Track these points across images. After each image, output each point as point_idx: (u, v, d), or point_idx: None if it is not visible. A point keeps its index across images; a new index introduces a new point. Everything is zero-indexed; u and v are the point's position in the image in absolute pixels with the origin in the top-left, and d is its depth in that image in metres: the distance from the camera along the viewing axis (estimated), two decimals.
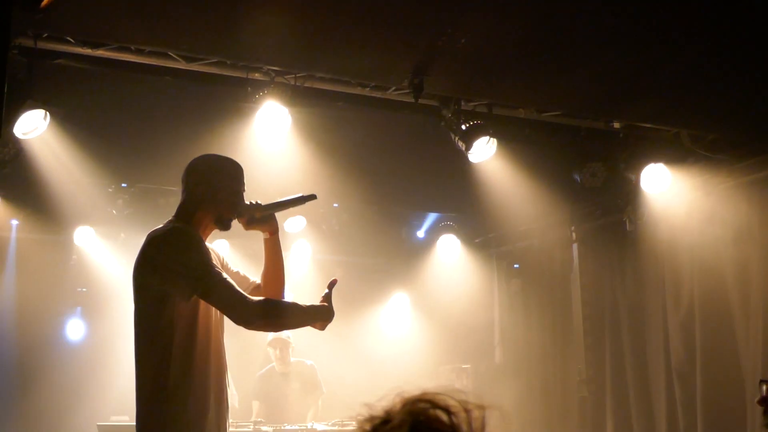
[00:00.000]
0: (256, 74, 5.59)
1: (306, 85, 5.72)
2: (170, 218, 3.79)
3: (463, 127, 5.94)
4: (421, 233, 9.91)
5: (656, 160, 6.77)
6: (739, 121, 6.25)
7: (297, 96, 5.68)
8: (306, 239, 9.12)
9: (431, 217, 9.58)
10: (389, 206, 8.95)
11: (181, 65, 5.41)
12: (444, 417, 1.14)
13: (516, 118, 6.44)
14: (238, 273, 3.96)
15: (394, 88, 5.79)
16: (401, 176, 7.69)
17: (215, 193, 3.79)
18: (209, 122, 6.19)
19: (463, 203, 8.38)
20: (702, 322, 7.00)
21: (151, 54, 5.30)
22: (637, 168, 6.82)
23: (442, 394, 1.18)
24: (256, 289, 3.91)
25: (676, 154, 6.81)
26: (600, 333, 8.32)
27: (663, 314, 7.43)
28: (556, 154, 7.08)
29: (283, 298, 3.98)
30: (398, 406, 1.16)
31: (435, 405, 1.15)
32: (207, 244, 3.75)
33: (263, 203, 3.90)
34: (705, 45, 5.20)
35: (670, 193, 6.92)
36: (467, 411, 1.16)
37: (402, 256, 9.99)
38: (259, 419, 6.99)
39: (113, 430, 7.07)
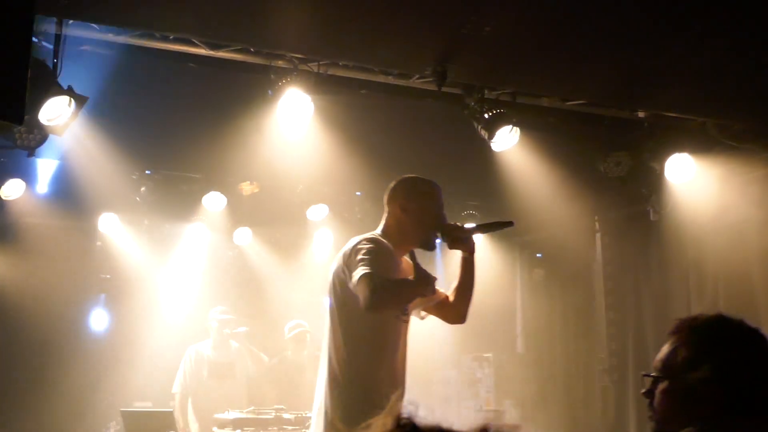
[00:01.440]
0: (280, 62, 5.59)
1: (329, 72, 5.71)
2: (373, 231, 4.10)
3: (486, 115, 5.91)
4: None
5: (681, 149, 6.71)
6: (764, 110, 6.18)
7: (320, 83, 5.67)
8: (328, 227, 9.12)
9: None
10: None
11: (205, 52, 5.41)
12: None
13: (539, 106, 6.40)
14: None
15: (417, 76, 5.77)
16: (424, 164, 7.64)
17: (420, 215, 4.04)
18: (232, 109, 6.21)
19: (486, 192, 8.35)
20: (726, 311, 6.93)
21: (175, 41, 5.31)
22: (662, 158, 6.76)
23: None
24: (443, 302, 4.18)
25: (702, 143, 6.75)
26: (623, 323, 8.29)
27: (687, 304, 7.39)
28: (580, 143, 7.04)
29: (466, 315, 4.20)
30: None
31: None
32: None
33: (463, 225, 4.12)
34: (732, 34, 5.15)
35: (695, 183, 6.86)
36: None
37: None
38: (280, 406, 7.02)
39: (136, 415, 7.12)
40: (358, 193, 8.74)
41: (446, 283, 4.29)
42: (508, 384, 9.13)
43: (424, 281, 3.87)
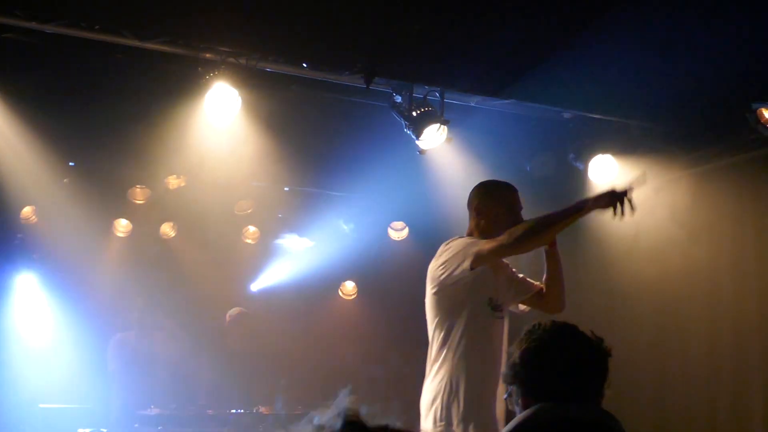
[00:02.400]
0: (208, 54, 5.54)
1: (258, 66, 5.68)
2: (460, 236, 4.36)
3: (414, 113, 5.94)
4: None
5: (605, 150, 6.84)
6: (686, 114, 6.34)
7: (248, 78, 5.63)
8: (255, 223, 9.07)
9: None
10: (340, 191, 8.93)
11: (133, 43, 5.34)
12: None
13: (467, 106, 6.45)
14: (524, 278, 4.44)
15: (346, 72, 5.77)
16: (352, 161, 7.68)
17: (494, 215, 4.30)
18: (160, 101, 6.13)
19: (413, 191, 8.38)
20: (647, 313, 7.11)
21: (102, 31, 5.22)
22: (586, 158, 6.88)
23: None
24: (539, 293, 4.42)
25: (625, 145, 6.89)
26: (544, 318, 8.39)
27: (609, 305, 7.51)
28: (507, 142, 7.12)
29: (563, 302, 4.41)
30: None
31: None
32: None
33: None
34: (655, 38, 5.27)
35: (618, 183, 6.97)
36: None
37: (350, 241, 9.97)
38: (203, 403, 6.96)
39: (58, 413, 6.99)
40: (286, 189, 8.70)
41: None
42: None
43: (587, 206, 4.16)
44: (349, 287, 9.84)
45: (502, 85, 6.13)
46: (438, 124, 6.03)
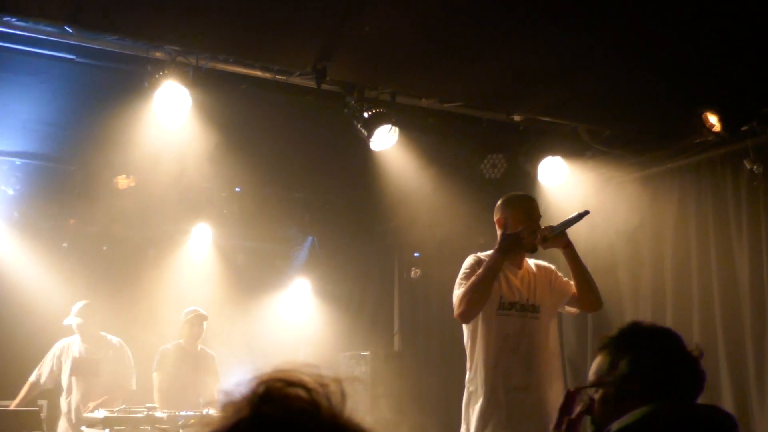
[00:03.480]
0: (157, 53, 5.49)
1: (208, 66, 5.64)
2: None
3: (366, 114, 5.94)
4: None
5: (554, 153, 6.91)
6: (634, 117, 6.42)
7: (198, 77, 5.59)
8: (207, 224, 9.02)
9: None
10: (292, 192, 8.91)
11: (80, 42, 5.27)
12: (302, 393, 1.11)
13: (418, 107, 6.47)
14: (568, 281, 4.87)
15: (298, 72, 5.75)
16: (304, 162, 7.67)
17: (511, 224, 4.72)
18: (108, 100, 6.06)
19: (364, 191, 8.39)
20: (594, 314, 7.18)
21: (47, 29, 5.14)
22: (536, 160, 6.94)
23: (295, 371, 1.13)
24: (575, 295, 4.81)
25: (574, 148, 6.96)
26: None
27: None
28: (458, 144, 7.16)
29: (597, 299, 4.81)
30: (248, 390, 1.11)
31: (289, 383, 1.11)
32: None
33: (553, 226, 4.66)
34: (604, 42, 5.33)
35: (567, 186, 7.06)
36: (324, 385, 1.12)
37: (303, 242, 9.97)
38: (153, 405, 6.89)
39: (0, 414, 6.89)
40: (237, 189, 8.66)
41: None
42: (384, 382, 9.19)
43: (498, 249, 4.60)
44: None
45: (451, 88, 6.16)
46: (389, 125, 6.04)
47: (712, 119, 5.82)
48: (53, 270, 8.82)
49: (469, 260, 4.78)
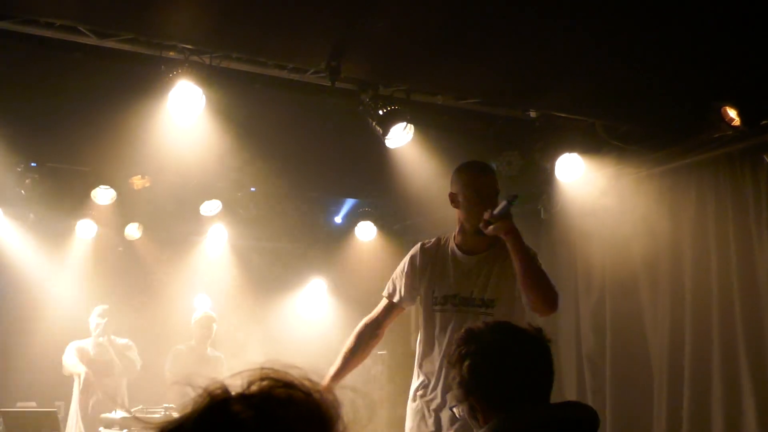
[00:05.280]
0: (170, 52, 5.47)
1: (222, 65, 5.62)
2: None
3: (381, 112, 5.91)
4: (338, 219, 9.88)
5: (570, 149, 6.85)
6: (650, 113, 6.37)
7: (212, 76, 5.57)
8: (222, 223, 9.01)
9: (349, 203, 9.55)
10: (307, 191, 8.89)
11: (93, 41, 5.25)
12: (299, 394, 1.07)
13: (434, 104, 6.44)
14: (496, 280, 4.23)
15: (312, 70, 5.72)
16: (319, 161, 7.64)
17: (460, 201, 4.18)
18: (122, 101, 6.04)
19: (380, 189, 8.37)
20: (612, 310, 7.14)
21: (60, 29, 5.13)
22: (552, 157, 6.89)
23: (286, 372, 1.10)
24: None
25: (590, 144, 6.91)
26: None
27: (575, 302, 7.55)
28: (474, 141, 7.11)
29: (543, 301, 4.08)
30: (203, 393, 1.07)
31: (286, 383, 1.08)
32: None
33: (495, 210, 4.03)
34: (619, 38, 5.28)
35: (584, 182, 7.02)
36: (313, 390, 1.08)
37: (319, 241, 9.95)
38: (170, 405, 6.88)
39: (18, 416, 6.90)
40: (252, 189, 8.65)
41: None
42: (402, 381, 9.16)
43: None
44: None
45: (466, 85, 6.13)
46: (405, 123, 6.01)
47: (731, 113, 5.76)
48: (68, 271, 8.85)
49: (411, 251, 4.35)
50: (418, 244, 4.33)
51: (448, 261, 4.20)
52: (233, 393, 1.06)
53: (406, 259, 4.34)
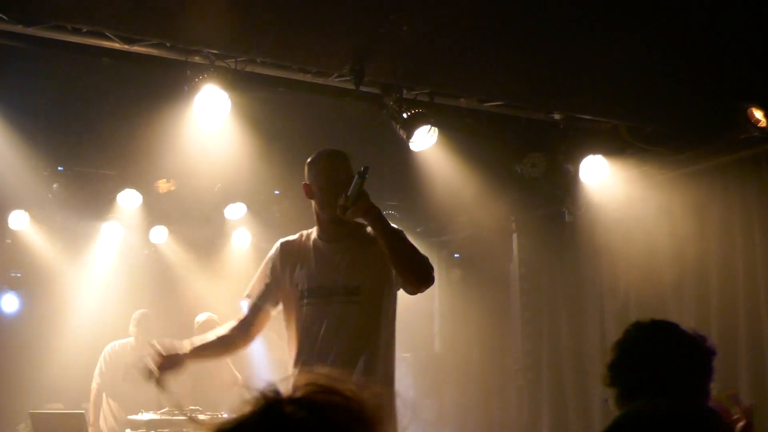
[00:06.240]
0: (196, 57, 5.51)
1: (246, 69, 5.65)
2: None
3: (405, 115, 5.91)
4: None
5: (595, 151, 6.83)
6: (675, 114, 6.34)
7: (237, 80, 5.60)
8: (246, 227, 9.04)
9: None
10: None
11: (119, 46, 5.30)
12: (338, 400, 1.09)
13: (457, 107, 6.44)
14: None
15: (335, 74, 5.75)
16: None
17: (315, 191, 4.02)
18: (148, 105, 6.10)
19: (404, 192, 8.37)
20: (637, 312, 7.11)
21: (87, 34, 5.18)
22: (577, 159, 6.87)
23: (329, 378, 1.12)
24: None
25: (615, 145, 6.88)
26: (538, 322, 8.40)
27: (600, 304, 7.53)
28: (497, 144, 7.11)
29: (415, 274, 3.91)
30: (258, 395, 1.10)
31: (325, 389, 1.10)
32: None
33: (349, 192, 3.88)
34: (643, 39, 5.26)
35: (608, 184, 7.00)
36: (355, 394, 1.11)
37: None
38: (196, 407, 6.92)
39: (46, 417, 6.96)
40: (276, 192, 8.68)
41: None
42: (425, 384, 9.17)
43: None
44: None
45: (491, 87, 6.12)
46: (428, 126, 6.01)
47: (758, 114, 5.73)
48: (94, 274, 8.92)
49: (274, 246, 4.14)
50: (278, 243, 4.14)
51: (310, 254, 4.02)
52: (284, 396, 1.09)
53: (265, 260, 4.15)
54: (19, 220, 8.39)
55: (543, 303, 8.36)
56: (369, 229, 3.94)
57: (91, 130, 6.80)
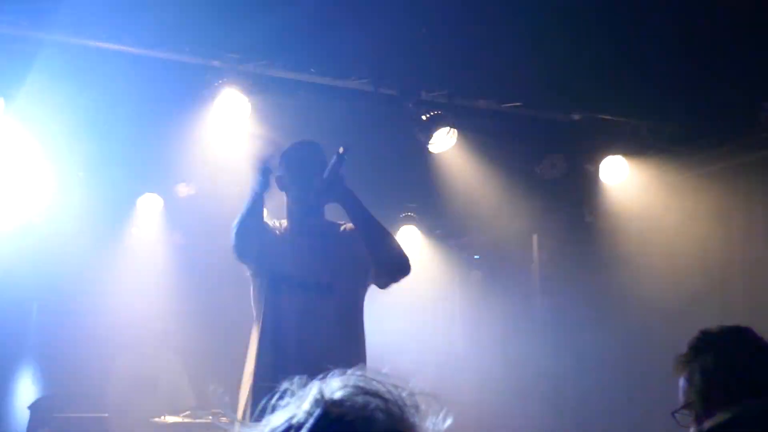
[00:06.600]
0: (215, 62, 5.54)
1: (266, 73, 5.67)
2: None
3: (423, 117, 5.92)
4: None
5: (615, 151, 6.81)
6: (696, 113, 6.31)
7: (256, 84, 5.63)
8: None
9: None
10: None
11: (139, 52, 5.34)
12: (378, 403, 1.09)
13: (476, 108, 6.43)
14: None
15: (354, 77, 5.76)
16: (361, 166, 7.64)
17: (286, 184, 4.02)
18: (168, 110, 6.12)
19: (423, 195, 8.36)
20: (661, 311, 7.06)
21: (108, 40, 5.22)
22: (596, 159, 6.85)
23: (372, 379, 1.12)
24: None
25: (635, 145, 6.85)
26: (560, 323, 8.36)
27: (621, 305, 7.48)
28: (517, 145, 7.10)
29: (392, 257, 3.87)
30: (322, 393, 1.09)
31: (365, 391, 1.09)
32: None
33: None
34: (664, 39, 5.24)
35: (629, 184, 6.96)
36: (399, 397, 1.10)
37: None
38: (218, 410, 6.94)
39: (70, 422, 7.00)
40: None
41: None
42: (445, 388, 9.15)
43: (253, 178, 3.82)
44: None
45: (509, 88, 6.11)
46: (447, 128, 6.01)
47: None
48: (116, 278, 8.95)
49: None
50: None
51: (285, 244, 3.97)
52: (328, 397, 1.09)
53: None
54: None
55: (564, 303, 8.32)
56: (342, 226, 3.94)
57: (111, 135, 6.83)
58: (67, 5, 4.78)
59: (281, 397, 1.13)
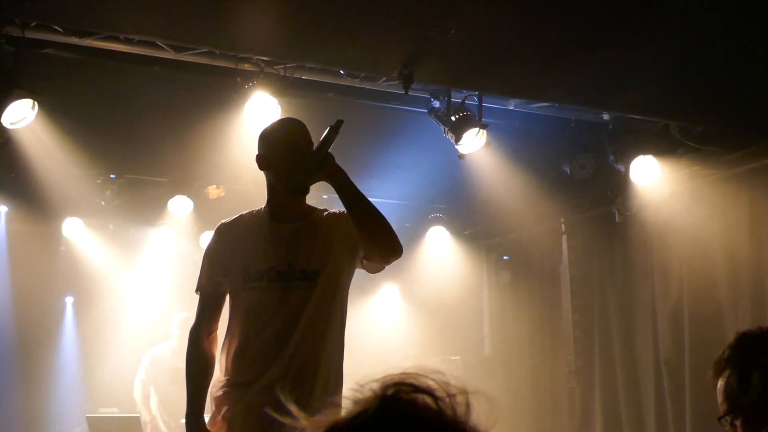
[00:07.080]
0: (246, 64, 5.57)
1: (296, 75, 5.70)
2: None
3: (453, 118, 5.93)
4: None
5: (645, 151, 6.78)
6: (726, 113, 6.26)
7: (286, 86, 5.66)
8: None
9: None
10: (379, 198, 8.92)
11: (170, 55, 5.38)
12: (428, 400, 1.09)
13: (506, 109, 6.42)
14: None
15: (384, 79, 5.77)
16: (391, 167, 7.67)
17: (272, 162, 3.67)
18: (198, 113, 6.17)
19: (453, 195, 8.36)
20: (690, 314, 7.02)
21: (139, 43, 5.27)
22: (626, 159, 6.83)
23: (424, 376, 1.12)
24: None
25: (665, 145, 6.82)
26: (589, 324, 8.33)
27: (652, 305, 7.45)
28: (546, 145, 7.08)
29: (385, 239, 3.58)
30: (373, 392, 1.09)
31: (417, 389, 1.10)
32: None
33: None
34: (694, 38, 5.21)
35: (659, 184, 6.93)
36: (450, 395, 1.10)
37: None
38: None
39: (102, 422, 7.06)
40: (324, 197, 8.70)
41: None
42: (475, 386, 9.13)
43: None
44: None
45: (540, 89, 6.10)
46: (477, 128, 6.01)
47: None
48: (146, 279, 9.02)
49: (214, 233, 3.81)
50: (218, 226, 3.80)
51: (259, 234, 3.69)
52: (383, 393, 1.09)
53: (206, 248, 3.82)
54: (72, 228, 8.52)
55: (594, 304, 8.28)
56: (325, 212, 3.74)
57: (142, 138, 6.89)
58: (100, 10, 4.83)
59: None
